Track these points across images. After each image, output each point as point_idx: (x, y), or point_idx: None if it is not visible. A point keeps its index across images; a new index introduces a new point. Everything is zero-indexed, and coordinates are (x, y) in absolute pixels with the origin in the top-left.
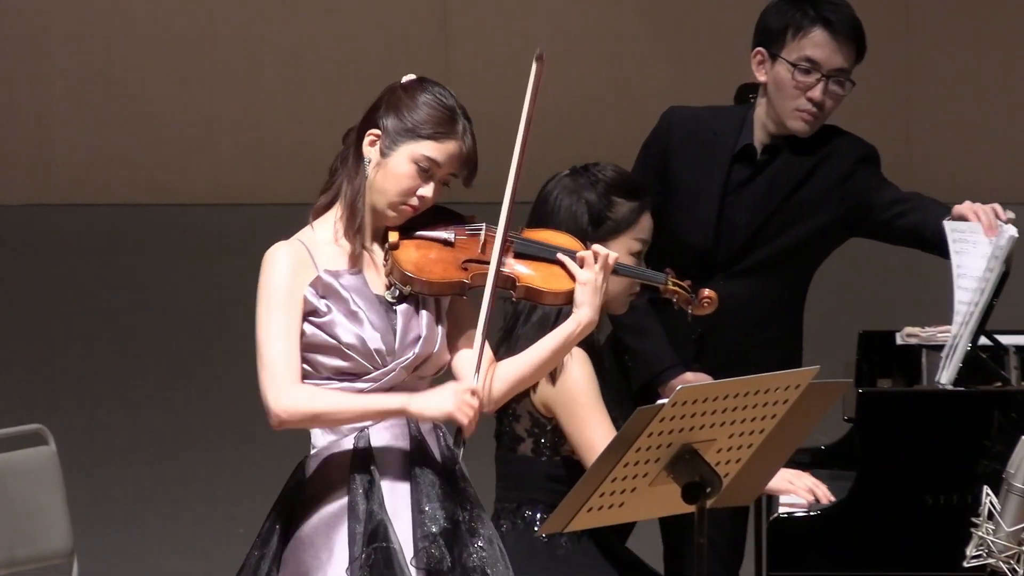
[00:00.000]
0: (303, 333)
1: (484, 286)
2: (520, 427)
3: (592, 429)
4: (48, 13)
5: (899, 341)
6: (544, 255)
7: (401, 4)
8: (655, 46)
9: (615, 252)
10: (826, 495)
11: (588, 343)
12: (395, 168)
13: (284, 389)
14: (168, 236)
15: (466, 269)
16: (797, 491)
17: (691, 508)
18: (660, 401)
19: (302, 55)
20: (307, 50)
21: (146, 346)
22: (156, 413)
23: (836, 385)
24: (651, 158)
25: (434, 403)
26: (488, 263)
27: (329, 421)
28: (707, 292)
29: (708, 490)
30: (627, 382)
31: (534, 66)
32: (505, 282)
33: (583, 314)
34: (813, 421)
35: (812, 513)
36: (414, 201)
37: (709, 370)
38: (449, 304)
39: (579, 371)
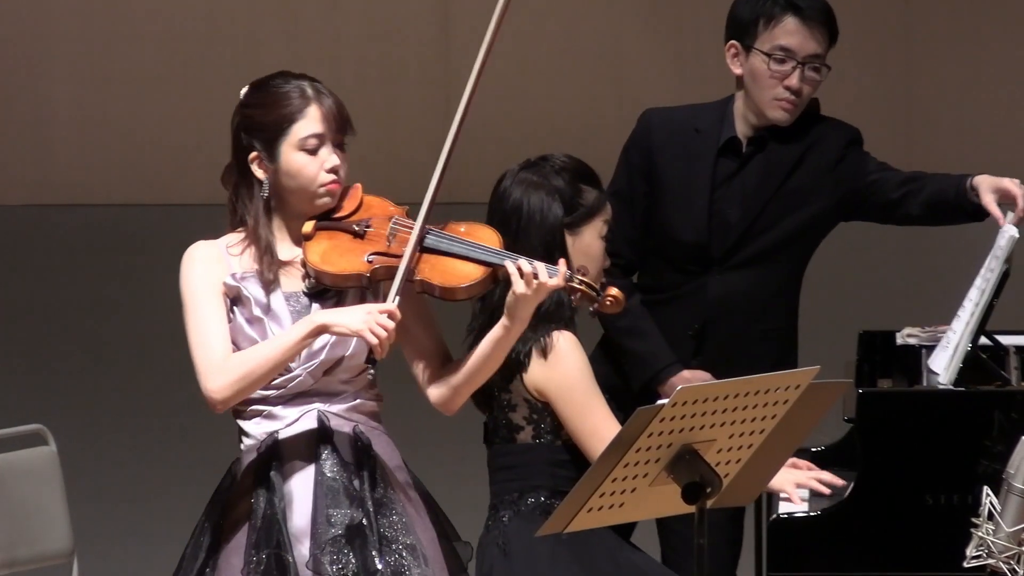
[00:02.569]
0: None
1: (386, 280)
2: (518, 415)
3: (592, 415)
4: (48, 13)
5: (899, 341)
6: (459, 251)
7: (401, 4)
8: (655, 46)
9: (562, 276)
10: (831, 479)
11: (568, 319)
12: (289, 166)
13: (213, 370)
14: (168, 236)
15: (370, 262)
16: (791, 494)
17: (691, 508)
18: (660, 401)
19: (302, 55)
20: (307, 50)
21: (146, 346)
22: (156, 413)
23: (836, 385)
24: (634, 161)
25: (345, 319)
26: (394, 255)
27: (259, 378)
28: (613, 291)
29: (708, 490)
30: (623, 384)
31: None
32: (408, 274)
33: (511, 322)
34: (813, 421)
35: (813, 513)
36: (327, 177)
37: (708, 365)
38: (407, 305)
39: (572, 358)
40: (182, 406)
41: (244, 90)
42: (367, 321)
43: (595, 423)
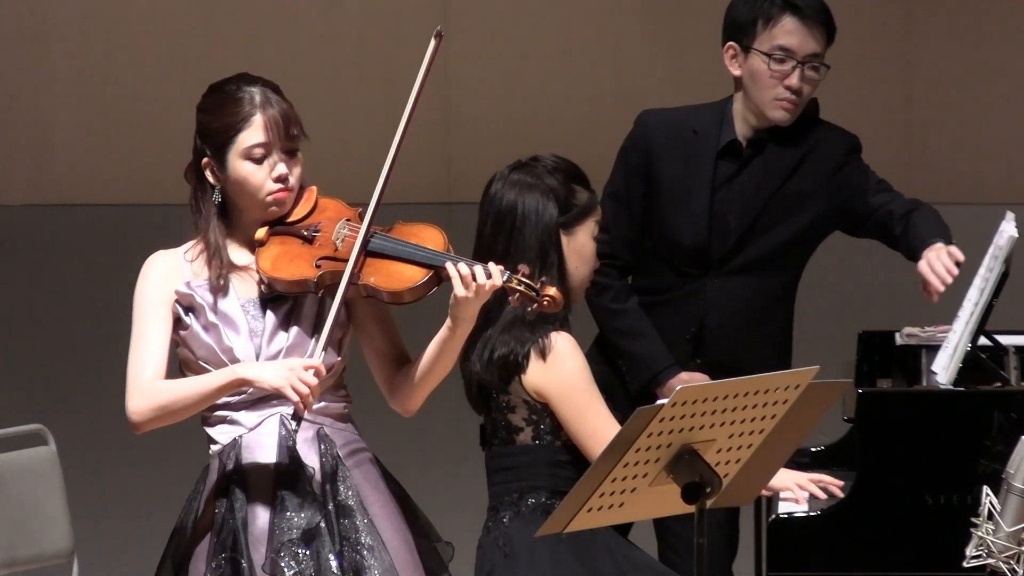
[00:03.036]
0: (175, 344)
1: (333, 284)
2: (517, 417)
3: (592, 417)
4: (47, 13)
5: (899, 341)
6: (402, 254)
7: (401, 4)
8: (655, 49)
9: (497, 274)
10: (832, 482)
11: (563, 318)
12: (237, 175)
13: (136, 392)
14: (168, 236)
15: (318, 267)
16: (792, 489)
17: (691, 508)
18: (660, 401)
19: (302, 55)
20: (307, 50)
21: None
22: None
23: (836, 385)
24: (632, 162)
25: (266, 374)
26: (341, 259)
27: (176, 412)
28: (551, 291)
29: (708, 490)
30: (621, 386)
31: (432, 43)
32: (352, 279)
33: (456, 324)
34: (813, 421)
35: (812, 513)
36: (274, 186)
37: (705, 367)
38: (364, 307)
39: (571, 359)
40: None
41: (205, 92)
42: (288, 378)
43: (595, 425)
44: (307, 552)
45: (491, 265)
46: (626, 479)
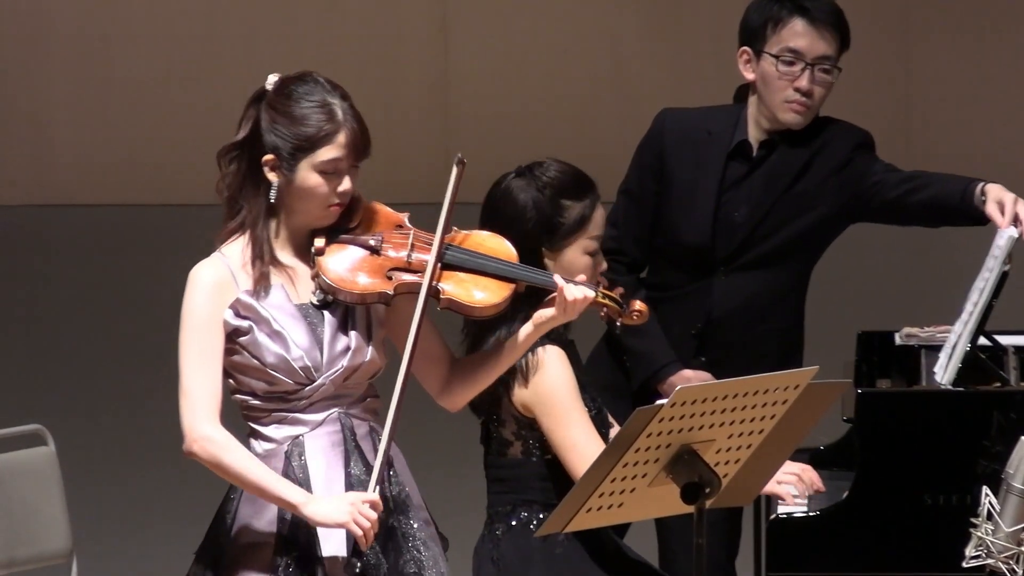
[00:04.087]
0: (231, 352)
1: (408, 294)
2: (507, 431)
3: (572, 428)
4: (47, 13)
5: (898, 341)
6: (477, 267)
7: (401, 4)
8: (655, 46)
9: (591, 292)
10: (813, 481)
11: (560, 340)
12: (304, 184)
13: (201, 422)
14: (168, 236)
15: (390, 278)
16: (780, 493)
17: (690, 509)
18: (659, 401)
19: (302, 55)
20: (307, 50)
21: (146, 346)
22: (156, 413)
23: (835, 385)
24: (647, 160)
25: (329, 511)
26: (414, 271)
27: (229, 477)
28: (637, 305)
29: (707, 490)
30: (626, 380)
31: (455, 170)
32: (431, 293)
33: (536, 331)
34: (812, 421)
35: (812, 513)
36: (336, 200)
37: (710, 363)
38: (397, 309)
39: (555, 370)
40: None
41: (273, 81)
42: (351, 512)
43: (574, 436)
44: (378, 551)
45: (580, 278)
46: (625, 479)
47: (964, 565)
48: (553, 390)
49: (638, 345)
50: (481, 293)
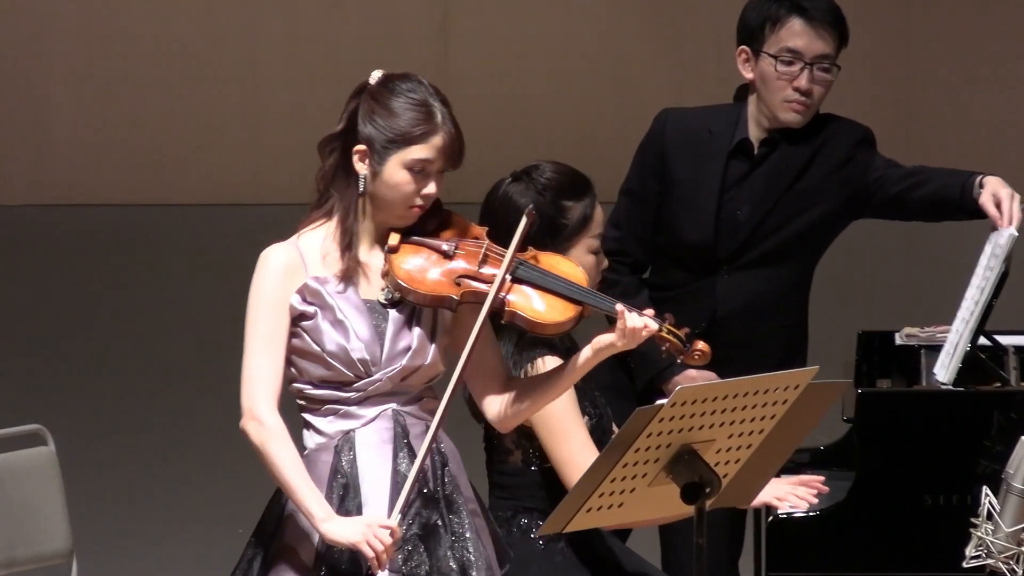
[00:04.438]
0: (293, 336)
1: (476, 303)
2: (507, 439)
3: (569, 443)
4: (48, 13)
5: (898, 341)
6: (548, 285)
7: (401, 4)
8: (655, 46)
9: (640, 321)
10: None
11: (561, 349)
12: (391, 179)
13: (261, 405)
14: (168, 236)
15: (458, 284)
16: (773, 504)
17: (690, 508)
18: (659, 401)
19: (302, 55)
20: (307, 50)
21: (146, 346)
22: (156, 413)
23: (835, 385)
24: (648, 160)
25: (344, 531)
26: (483, 280)
27: (266, 466)
28: (700, 345)
29: (707, 490)
30: (630, 381)
31: (523, 220)
32: (495, 304)
33: (593, 364)
34: (812, 421)
35: (811, 513)
36: (419, 202)
37: (715, 362)
38: (460, 318)
39: None
40: (182, 406)
41: (376, 76)
42: (365, 534)
43: (571, 450)
44: (423, 550)
45: (648, 312)
46: (625, 479)
47: (964, 565)
48: (552, 405)
49: (643, 345)
50: (547, 310)
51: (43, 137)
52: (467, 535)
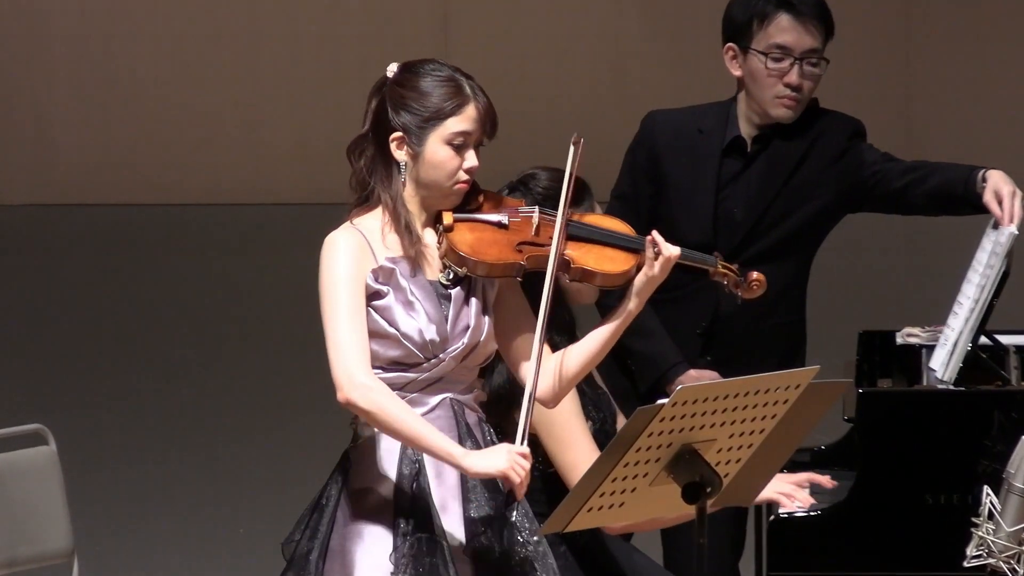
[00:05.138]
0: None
1: (540, 269)
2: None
3: (572, 449)
4: (48, 12)
5: (899, 341)
6: (601, 239)
7: (401, 4)
8: (655, 46)
9: (675, 249)
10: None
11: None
12: (433, 157)
13: (357, 372)
14: (168, 236)
15: (521, 251)
16: (779, 500)
17: (691, 508)
18: (660, 401)
19: (302, 55)
20: (307, 50)
21: (146, 346)
22: (156, 413)
23: (836, 385)
24: (639, 163)
25: (489, 461)
26: (543, 245)
27: (384, 426)
28: (755, 275)
29: (708, 490)
30: (631, 384)
31: (571, 149)
32: (560, 265)
33: (635, 304)
34: (813, 421)
35: (812, 513)
36: (463, 176)
37: (717, 363)
38: (498, 294)
39: None
40: (182, 406)
41: (394, 68)
42: (510, 461)
43: (574, 456)
44: (492, 537)
45: (671, 245)
46: (626, 479)
47: (965, 565)
48: (555, 412)
49: (643, 347)
50: (609, 262)
51: (43, 137)
52: (528, 525)
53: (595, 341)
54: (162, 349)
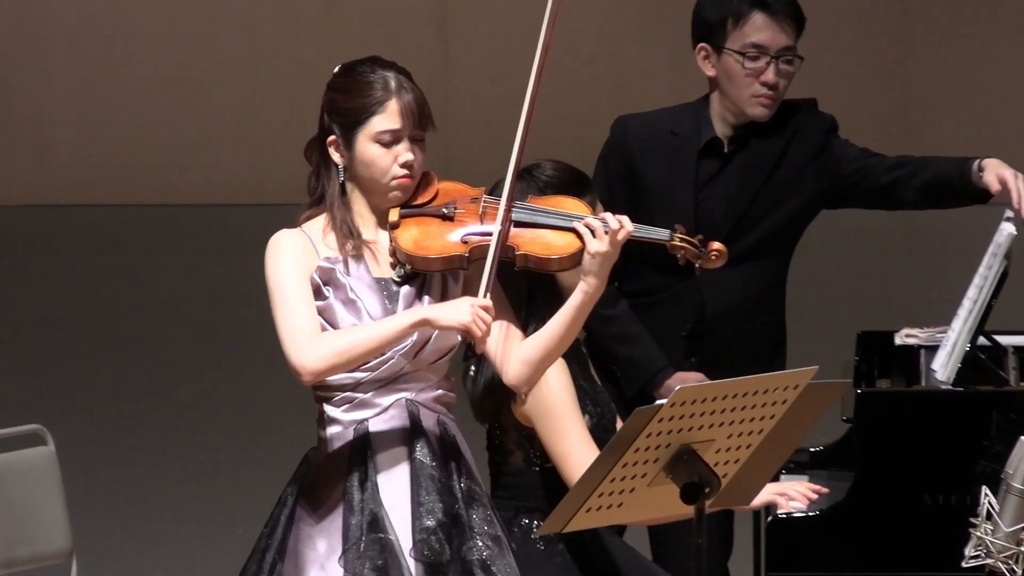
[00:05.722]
0: None
1: (483, 259)
2: (508, 439)
3: (567, 439)
4: (47, 13)
5: (898, 341)
6: (549, 222)
7: (400, 4)
8: (655, 47)
9: (628, 224)
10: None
11: (571, 348)
12: (363, 156)
13: (304, 345)
14: (168, 236)
15: (466, 242)
16: (777, 501)
17: (690, 509)
18: (658, 401)
19: (302, 55)
20: (307, 50)
21: (146, 346)
22: (155, 413)
23: (835, 385)
24: (614, 168)
25: (451, 312)
26: (487, 233)
27: (357, 356)
28: (716, 245)
29: (707, 490)
30: (617, 390)
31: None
32: (505, 251)
33: (590, 283)
34: (812, 421)
35: (811, 513)
36: (400, 171)
37: (702, 364)
38: (468, 283)
39: (555, 379)
40: (181, 406)
41: (336, 70)
42: (471, 313)
43: (569, 445)
44: (444, 540)
45: (621, 216)
46: (625, 479)
47: (964, 565)
48: (551, 400)
49: (628, 353)
50: (556, 247)
51: (43, 137)
52: (486, 528)
53: (557, 325)
54: (161, 349)
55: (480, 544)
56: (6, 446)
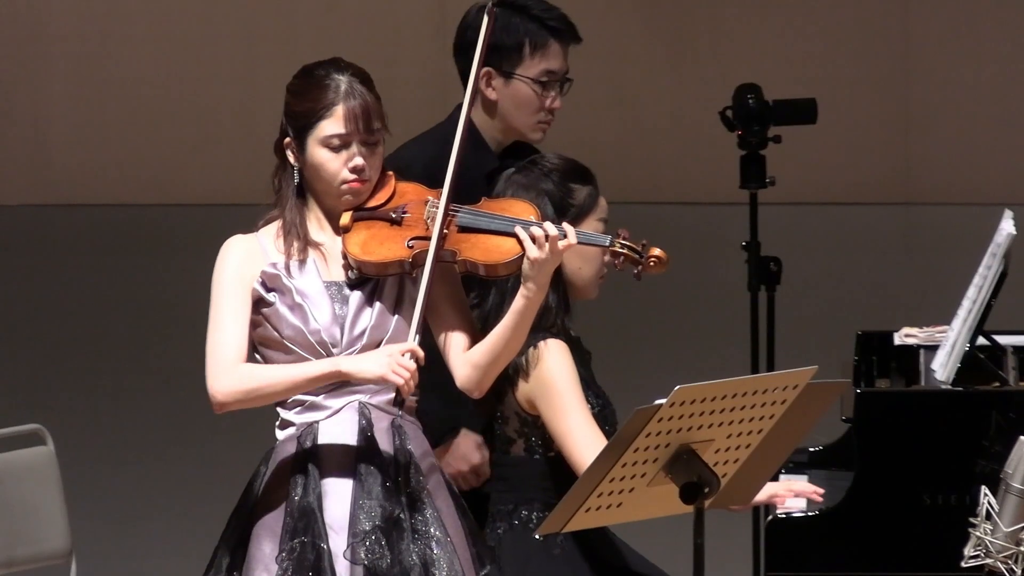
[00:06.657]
0: (256, 325)
1: (425, 264)
2: (510, 429)
3: (570, 417)
4: (45, 13)
5: (897, 341)
6: (492, 227)
7: (400, 5)
8: (655, 50)
9: (570, 232)
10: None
11: (562, 335)
12: (314, 160)
13: (221, 371)
14: (167, 236)
15: (411, 247)
16: (774, 501)
17: (689, 509)
18: (658, 401)
19: (301, 55)
20: (306, 50)
21: (145, 346)
22: (155, 413)
23: (834, 385)
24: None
25: (366, 365)
26: (429, 238)
27: (265, 396)
28: (656, 252)
29: (706, 490)
30: None
31: (485, 20)
32: (446, 256)
33: (530, 289)
34: (811, 421)
35: (811, 513)
36: (349, 176)
37: None
38: (437, 287)
39: (554, 360)
40: (181, 406)
41: (296, 73)
42: (389, 364)
43: (569, 424)
44: (384, 543)
45: (566, 225)
46: (624, 479)
47: (963, 565)
48: (552, 379)
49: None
50: (496, 252)
51: (43, 137)
52: (432, 531)
53: (502, 330)
54: (160, 349)
55: (423, 547)
56: (6, 446)
